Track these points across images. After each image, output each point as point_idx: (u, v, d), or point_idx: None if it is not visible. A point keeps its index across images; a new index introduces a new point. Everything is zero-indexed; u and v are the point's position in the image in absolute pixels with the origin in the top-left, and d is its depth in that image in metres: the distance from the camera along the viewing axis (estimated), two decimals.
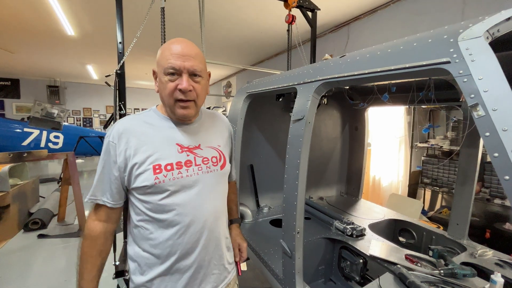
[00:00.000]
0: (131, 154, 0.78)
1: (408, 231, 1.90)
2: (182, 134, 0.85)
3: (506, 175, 0.46)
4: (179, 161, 0.81)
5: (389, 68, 0.70)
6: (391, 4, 3.46)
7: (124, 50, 2.22)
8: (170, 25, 4.11)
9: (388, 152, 3.80)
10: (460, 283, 1.16)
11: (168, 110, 0.84)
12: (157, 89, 0.83)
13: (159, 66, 0.79)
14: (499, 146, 0.47)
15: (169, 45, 0.78)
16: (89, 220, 0.83)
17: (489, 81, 0.50)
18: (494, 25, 0.56)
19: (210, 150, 0.89)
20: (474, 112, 0.51)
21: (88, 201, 0.83)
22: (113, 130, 0.80)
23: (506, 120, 0.47)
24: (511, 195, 0.45)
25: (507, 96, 0.48)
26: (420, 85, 1.38)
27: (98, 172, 0.82)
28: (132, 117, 0.85)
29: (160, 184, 0.77)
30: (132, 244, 0.86)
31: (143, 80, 9.28)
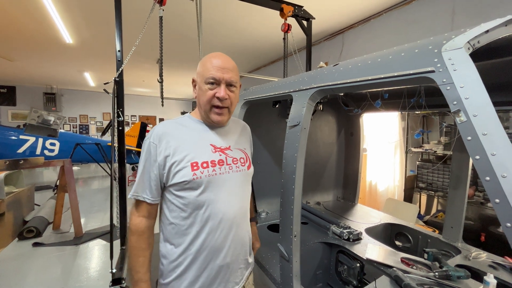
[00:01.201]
0: (170, 153, 0.86)
1: (404, 235, 1.93)
2: (214, 136, 0.95)
3: (487, 177, 0.49)
4: (213, 159, 0.90)
5: (379, 77, 0.74)
6: (383, 13, 3.57)
7: (122, 58, 2.26)
8: (168, 33, 4.18)
9: (383, 157, 3.85)
10: (454, 285, 1.19)
11: (204, 115, 0.93)
12: (195, 95, 0.94)
13: (201, 76, 0.90)
14: (480, 149, 0.50)
15: (211, 58, 0.89)
16: (133, 217, 0.89)
17: (469, 89, 0.54)
18: (474, 37, 0.61)
19: (238, 152, 0.99)
20: (457, 118, 0.54)
21: (131, 197, 0.90)
22: (153, 133, 0.89)
23: (485, 125, 0.50)
24: (492, 195, 0.48)
25: (486, 103, 0.51)
26: (412, 92, 1.43)
27: (139, 171, 0.89)
28: (169, 121, 0.94)
29: (197, 180, 0.85)
30: (164, 242, 0.92)
31: (141, 87, 9.32)
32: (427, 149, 3.15)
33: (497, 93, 1.39)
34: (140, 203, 0.89)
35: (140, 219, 0.88)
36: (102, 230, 3.46)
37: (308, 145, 2.33)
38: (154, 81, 2.64)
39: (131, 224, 0.89)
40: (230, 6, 3.41)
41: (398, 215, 2.53)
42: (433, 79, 0.61)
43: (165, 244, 0.91)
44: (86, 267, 2.61)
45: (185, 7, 3.38)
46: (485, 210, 2.65)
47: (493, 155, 0.48)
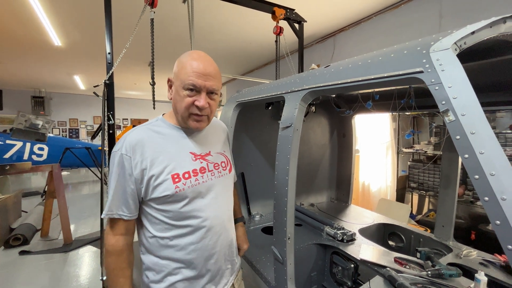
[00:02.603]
0: (147, 165, 0.80)
1: (397, 234, 1.94)
2: (193, 143, 0.89)
3: (476, 175, 0.49)
4: (195, 168, 0.85)
5: (369, 77, 0.74)
6: (373, 16, 3.63)
7: (113, 61, 2.22)
8: (161, 35, 4.16)
9: (376, 158, 3.89)
10: (446, 283, 1.20)
11: (181, 121, 0.86)
12: (170, 97, 0.87)
13: (178, 79, 0.81)
14: (469, 148, 0.51)
15: (191, 61, 0.80)
16: (109, 237, 0.82)
17: (457, 89, 0.55)
18: (460, 38, 0.62)
19: (219, 156, 0.96)
20: (446, 117, 0.55)
21: (105, 216, 0.81)
22: (125, 143, 0.80)
23: (473, 124, 0.51)
24: (481, 193, 0.49)
25: (474, 102, 0.52)
26: (402, 93, 1.45)
27: (111, 186, 0.81)
28: (141, 129, 0.85)
29: (180, 193, 0.81)
30: (146, 254, 0.87)
31: (132, 90, 9.21)
32: (418, 149, 3.21)
33: (484, 94, 1.43)
34: (116, 221, 0.81)
35: (117, 238, 0.81)
36: (93, 236, 3.38)
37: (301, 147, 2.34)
38: (146, 84, 2.61)
39: (107, 245, 0.82)
40: (222, 9, 3.41)
41: (391, 215, 2.56)
42: (422, 80, 0.61)
43: (149, 256, 0.86)
44: (76, 274, 2.53)
45: (177, 10, 3.37)
46: (475, 208, 2.71)
47: (481, 154, 0.49)
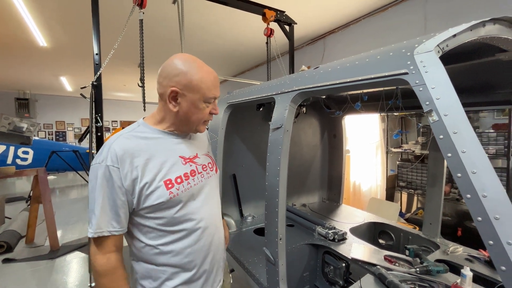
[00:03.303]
0: (138, 174, 0.77)
1: (387, 233, 1.98)
2: (181, 146, 0.89)
3: (458, 173, 0.51)
4: (186, 172, 0.85)
5: (357, 79, 0.76)
6: (362, 19, 3.71)
7: (100, 62, 2.18)
8: (150, 36, 4.11)
9: (366, 158, 3.96)
10: (434, 279, 1.23)
11: (186, 129, 0.88)
12: (176, 109, 0.83)
13: (198, 93, 0.81)
14: (452, 147, 0.52)
15: (208, 74, 0.83)
16: (98, 257, 0.76)
17: (440, 90, 0.56)
18: (443, 40, 0.64)
19: (205, 157, 0.96)
20: (430, 117, 0.56)
21: (94, 236, 0.75)
22: (110, 154, 0.76)
23: (455, 124, 0.53)
24: (463, 191, 0.50)
25: (455, 103, 0.54)
26: (390, 94, 1.48)
27: (97, 201, 0.75)
28: (126, 136, 0.81)
29: (174, 198, 0.80)
30: (140, 263, 0.84)
31: (122, 91, 9.05)
32: (406, 149, 3.28)
33: (467, 94, 1.48)
34: (105, 239, 0.76)
35: (107, 257, 0.77)
36: (81, 242, 3.29)
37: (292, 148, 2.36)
38: (136, 85, 2.57)
39: (96, 265, 0.76)
40: (213, 11, 3.40)
41: (381, 214, 2.60)
42: (407, 81, 0.63)
43: (143, 264, 0.83)
44: (63, 282, 2.46)
45: (167, 11, 3.34)
46: (461, 205, 2.79)
47: (463, 153, 0.51)
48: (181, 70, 0.80)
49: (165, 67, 0.83)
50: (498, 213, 0.45)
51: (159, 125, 0.87)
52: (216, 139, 1.64)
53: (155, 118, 0.88)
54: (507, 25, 0.73)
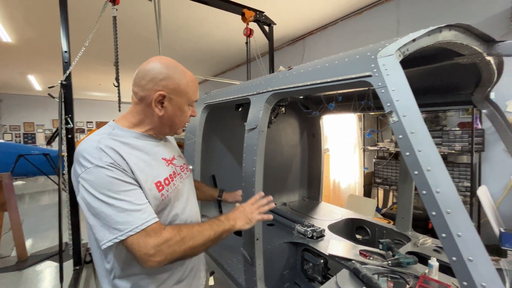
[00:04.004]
0: (134, 175, 0.74)
1: (363, 228, 2.05)
2: (161, 149, 0.89)
3: (415, 171, 0.54)
4: (170, 174, 0.86)
5: (326, 80, 0.78)
6: (339, 21, 3.82)
7: (70, 60, 2.07)
8: (127, 34, 3.96)
9: (345, 156, 4.08)
10: (404, 270, 1.29)
11: (169, 131, 0.88)
12: (161, 113, 0.81)
13: (184, 96, 0.83)
14: (409, 146, 0.55)
15: (192, 79, 0.86)
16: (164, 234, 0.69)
17: (399, 92, 0.60)
18: (403, 45, 0.67)
19: (180, 159, 0.98)
20: (390, 118, 0.59)
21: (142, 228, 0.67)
22: (104, 153, 0.70)
23: (413, 124, 0.56)
24: (420, 187, 0.54)
25: (413, 105, 0.57)
26: (363, 95, 1.54)
27: (122, 201, 0.67)
28: (106, 138, 0.76)
29: (165, 200, 0.80)
30: (124, 275, 0.78)
31: (97, 91, 8.65)
32: (382, 147, 3.43)
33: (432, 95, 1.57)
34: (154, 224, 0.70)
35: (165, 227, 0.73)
36: (52, 250, 3.10)
37: (273, 147, 2.37)
38: (112, 85, 2.45)
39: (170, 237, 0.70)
40: (191, 9, 3.35)
41: (359, 210, 2.70)
42: (370, 83, 0.66)
43: (132, 277, 0.78)
44: None
45: (144, 8, 3.24)
46: None
47: (419, 151, 0.54)
48: (168, 74, 0.80)
49: (148, 70, 0.80)
50: (449, 208, 0.49)
51: (136, 128, 0.84)
52: (194, 140, 1.61)
53: (130, 121, 0.84)
54: (462, 31, 0.79)
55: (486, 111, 1.31)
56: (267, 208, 0.98)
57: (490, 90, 1.30)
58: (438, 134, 2.82)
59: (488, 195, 2.61)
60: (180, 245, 0.70)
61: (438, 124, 3.00)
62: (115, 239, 0.65)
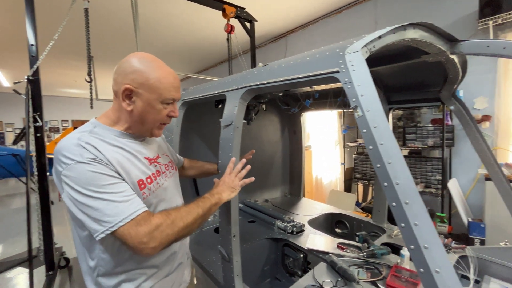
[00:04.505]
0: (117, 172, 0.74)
1: (342, 222, 2.11)
2: (144, 148, 0.88)
3: (378, 164, 0.56)
4: (153, 172, 0.86)
5: (297, 76, 0.78)
6: (320, 20, 3.87)
7: (38, 54, 1.95)
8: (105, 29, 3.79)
9: (326, 153, 4.17)
10: (379, 261, 1.35)
11: (144, 131, 0.85)
12: (130, 108, 0.79)
13: (154, 92, 0.78)
14: (372, 140, 0.57)
15: (167, 75, 0.81)
16: (153, 221, 0.69)
17: (364, 87, 0.61)
18: (369, 41, 0.69)
19: (165, 157, 0.98)
20: (355, 113, 0.61)
21: (132, 218, 0.67)
22: (84, 149, 0.70)
23: (375, 119, 0.58)
24: (382, 179, 0.55)
25: (375, 100, 0.59)
26: (338, 92, 1.57)
27: (108, 192, 0.67)
28: (89, 135, 0.75)
29: (147, 198, 0.80)
30: (108, 273, 0.78)
31: (73, 88, 8.23)
32: (361, 143, 3.53)
33: (404, 93, 1.64)
34: (144, 213, 0.70)
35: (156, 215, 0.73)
36: (24, 256, 2.93)
37: (254, 144, 2.37)
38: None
39: (160, 223, 0.70)
40: (170, 4, 3.26)
41: (340, 205, 2.77)
42: (338, 79, 0.67)
43: (115, 275, 0.78)
44: None
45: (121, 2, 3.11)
46: None
47: (381, 145, 0.56)
48: (137, 67, 0.77)
49: (121, 64, 0.80)
50: (407, 198, 0.51)
51: (116, 125, 0.83)
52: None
53: (111, 119, 0.84)
54: (425, 30, 0.82)
55: (453, 107, 1.38)
56: (245, 172, 1.00)
57: (456, 88, 1.37)
58: (412, 130, 2.95)
59: (458, 187, 2.77)
60: (172, 228, 0.71)
61: (413, 121, 3.14)
62: (106, 231, 0.65)
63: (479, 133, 1.33)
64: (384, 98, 1.69)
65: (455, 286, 0.44)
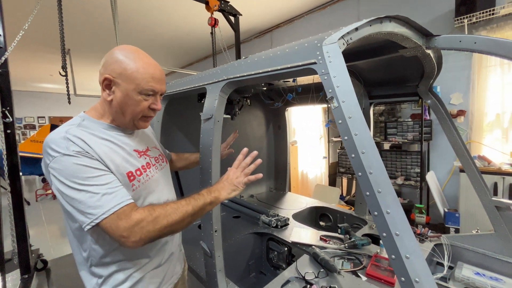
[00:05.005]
0: (104, 164, 0.75)
1: (326, 215, 2.15)
2: (133, 141, 0.89)
3: (352, 154, 0.57)
4: (143, 165, 0.86)
5: (276, 68, 0.78)
6: (305, 15, 3.88)
7: (6, 45, 1.83)
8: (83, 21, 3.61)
9: (312, 148, 4.23)
10: (359, 251, 1.38)
11: (128, 122, 0.84)
12: (110, 98, 0.80)
13: (132, 83, 0.78)
14: (347, 131, 0.57)
15: (147, 66, 0.80)
16: (135, 215, 0.69)
17: (340, 78, 0.61)
18: (346, 33, 0.69)
19: (155, 150, 0.98)
20: (331, 104, 0.61)
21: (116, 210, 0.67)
22: (71, 142, 0.70)
23: (350, 110, 0.58)
24: (356, 169, 0.56)
25: (351, 91, 0.59)
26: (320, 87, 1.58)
27: (92, 185, 0.68)
28: (77, 128, 0.76)
29: (137, 190, 0.81)
30: (100, 263, 0.80)
31: (49, 82, 7.82)
32: None
33: (385, 87, 1.67)
34: (126, 207, 0.70)
35: (138, 208, 0.72)
36: None
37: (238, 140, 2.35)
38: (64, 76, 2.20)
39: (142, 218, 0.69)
40: None
41: (325, 199, 2.82)
42: (315, 70, 0.67)
43: (106, 266, 0.79)
44: None
45: None
46: None
47: (356, 135, 0.56)
48: (118, 58, 0.79)
49: (105, 56, 0.82)
50: (380, 187, 0.52)
51: (103, 118, 0.85)
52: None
53: (98, 111, 0.85)
54: (401, 23, 0.84)
55: (430, 101, 1.43)
56: (254, 167, 0.93)
57: (433, 83, 1.41)
58: (393, 125, 3.04)
59: (435, 180, 2.90)
60: (153, 225, 0.70)
61: (394, 116, 3.24)
62: (91, 223, 0.67)
63: (454, 127, 1.38)
64: (366, 93, 1.72)
65: (423, 270, 0.46)
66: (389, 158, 3.14)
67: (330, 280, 1.13)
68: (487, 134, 2.66)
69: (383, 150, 3.23)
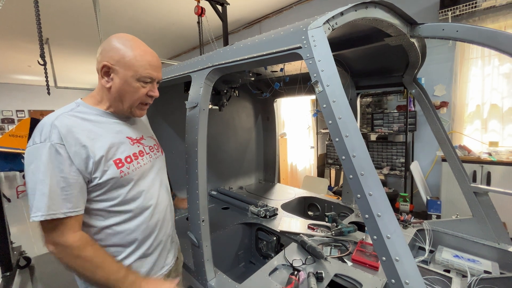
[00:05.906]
0: (88, 154, 0.74)
1: (314, 205, 2.19)
2: (128, 128, 0.89)
3: (336, 138, 0.57)
4: (134, 152, 0.86)
5: (261, 54, 0.76)
6: (293, 6, 3.84)
7: None
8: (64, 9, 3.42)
9: (301, 140, 4.26)
10: (346, 238, 1.42)
11: (125, 110, 0.85)
12: (109, 85, 0.81)
13: (130, 70, 0.79)
14: (331, 115, 0.57)
15: (144, 54, 0.82)
16: (68, 237, 0.70)
17: (324, 62, 0.61)
18: (331, 17, 0.69)
19: (150, 139, 0.98)
20: (316, 88, 0.61)
21: (46, 218, 0.67)
22: (53, 132, 0.71)
23: (334, 94, 0.58)
24: (339, 153, 0.56)
25: (335, 75, 0.59)
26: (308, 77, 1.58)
27: (45, 182, 0.68)
28: (67, 115, 0.76)
29: (125, 177, 0.80)
30: None
31: (27, 74, 7.44)
32: None
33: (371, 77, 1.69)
34: (60, 222, 0.70)
35: (79, 234, 0.73)
36: None
37: (227, 131, 2.34)
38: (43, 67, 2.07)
39: (70, 246, 0.70)
40: None
41: (313, 189, 2.86)
42: (300, 54, 0.66)
43: None
44: None
45: None
46: None
47: (339, 119, 0.56)
48: (116, 46, 0.80)
49: (102, 44, 0.83)
50: (363, 170, 0.52)
51: (100, 105, 0.85)
52: None
53: (95, 98, 0.86)
54: (386, 9, 0.84)
55: (414, 91, 1.46)
56: None
57: (417, 73, 1.44)
58: (380, 116, 3.10)
59: (419, 169, 2.99)
60: (73, 261, 0.71)
61: (381, 107, 3.29)
62: (34, 217, 0.68)
63: (437, 117, 1.42)
64: (353, 83, 1.74)
65: (403, 249, 0.47)
66: (376, 149, 3.21)
67: (317, 266, 1.15)
68: (467, 125, 2.75)
69: (370, 141, 3.29)
